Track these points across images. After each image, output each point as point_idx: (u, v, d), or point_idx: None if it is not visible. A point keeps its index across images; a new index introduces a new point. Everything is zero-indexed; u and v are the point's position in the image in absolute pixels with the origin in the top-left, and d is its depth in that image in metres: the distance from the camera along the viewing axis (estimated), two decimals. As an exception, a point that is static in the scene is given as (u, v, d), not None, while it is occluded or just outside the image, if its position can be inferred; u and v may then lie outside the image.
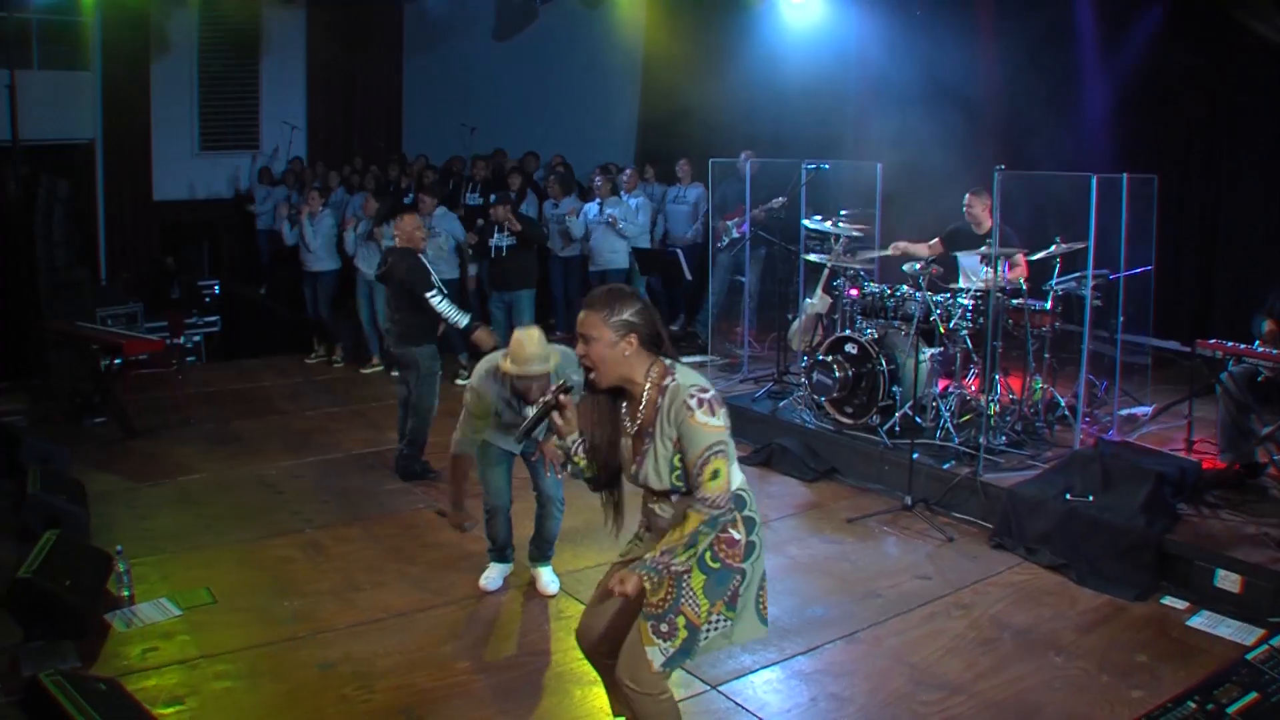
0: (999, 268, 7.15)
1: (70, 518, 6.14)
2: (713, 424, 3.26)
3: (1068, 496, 6.23)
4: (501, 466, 5.61)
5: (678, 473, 3.33)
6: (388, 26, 14.69)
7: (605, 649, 3.64)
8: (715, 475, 3.25)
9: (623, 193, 10.83)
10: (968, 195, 7.83)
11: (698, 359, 9.77)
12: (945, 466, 6.93)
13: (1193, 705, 4.12)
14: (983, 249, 7.50)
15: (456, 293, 9.50)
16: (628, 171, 11.14)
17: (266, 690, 4.62)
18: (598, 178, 11.01)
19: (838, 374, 7.49)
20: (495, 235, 9.55)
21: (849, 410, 7.66)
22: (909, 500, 6.77)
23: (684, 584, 3.37)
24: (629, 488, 3.56)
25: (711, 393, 3.31)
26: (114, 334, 9.04)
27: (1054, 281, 7.36)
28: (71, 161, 12.74)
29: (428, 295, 7.16)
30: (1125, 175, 7.00)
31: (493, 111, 14.18)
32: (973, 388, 7.59)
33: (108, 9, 12.38)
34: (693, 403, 3.24)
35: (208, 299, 12.73)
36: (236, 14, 13.53)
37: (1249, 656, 4.69)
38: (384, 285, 7.64)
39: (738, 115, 11.96)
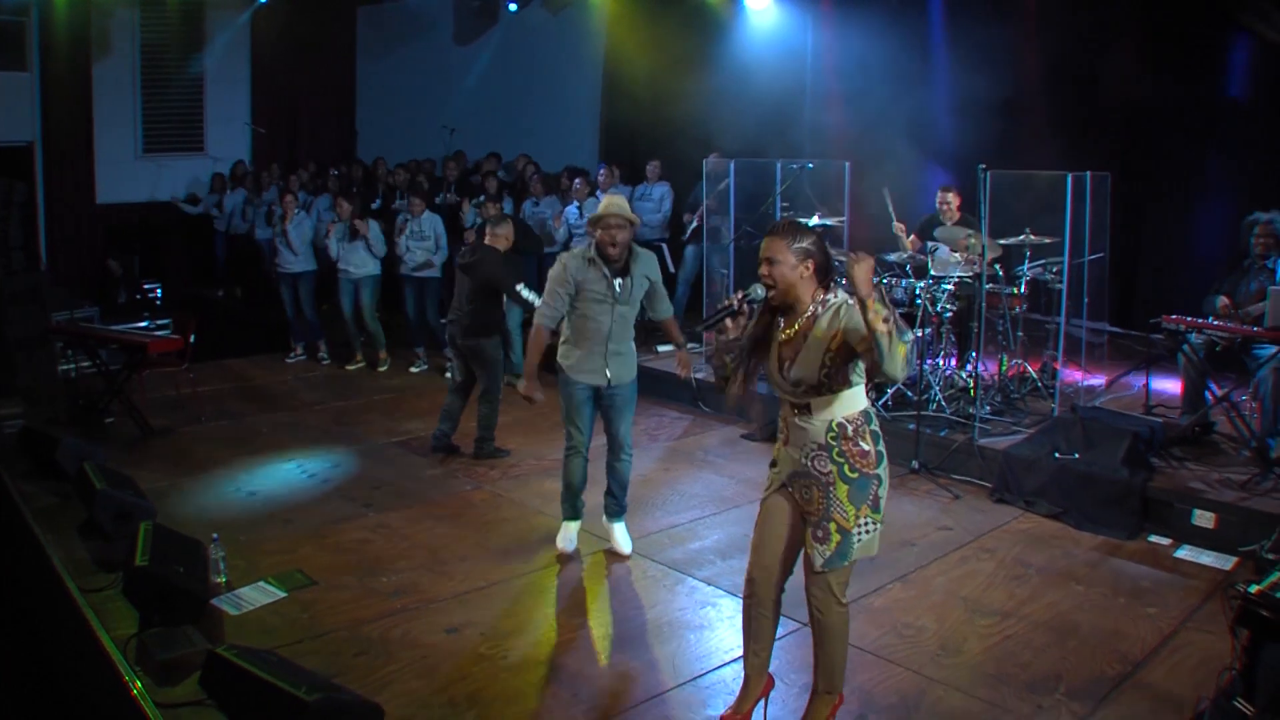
0: (972, 255, 8.06)
1: (141, 511, 6.36)
2: None
3: (1056, 455, 7.12)
4: (585, 406, 6.18)
5: (826, 370, 3.90)
6: (339, 28, 14.85)
7: (778, 575, 4.24)
8: (886, 317, 3.65)
9: (599, 193, 11.35)
10: (939, 191, 8.68)
11: (670, 347, 10.34)
12: (942, 434, 7.75)
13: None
14: (958, 237, 8.36)
15: (442, 290, 9.93)
16: (602, 172, 11.64)
17: (405, 657, 5.04)
18: (576, 180, 11.50)
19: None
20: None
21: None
22: (915, 464, 7.56)
23: (831, 494, 4.00)
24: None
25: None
26: (136, 334, 9.22)
27: (1024, 267, 8.24)
28: (10, 164, 12.63)
29: (518, 288, 7.77)
30: (1089, 174, 7.87)
31: (453, 114, 14.46)
32: (953, 365, 8.44)
33: (46, 9, 12.35)
34: (854, 300, 3.74)
35: (158, 302, 12.85)
36: (179, 15, 13.60)
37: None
38: (466, 275, 8.02)
39: (699, 116, 12.54)
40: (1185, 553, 6.38)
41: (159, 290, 13.07)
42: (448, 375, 10.37)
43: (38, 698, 5.52)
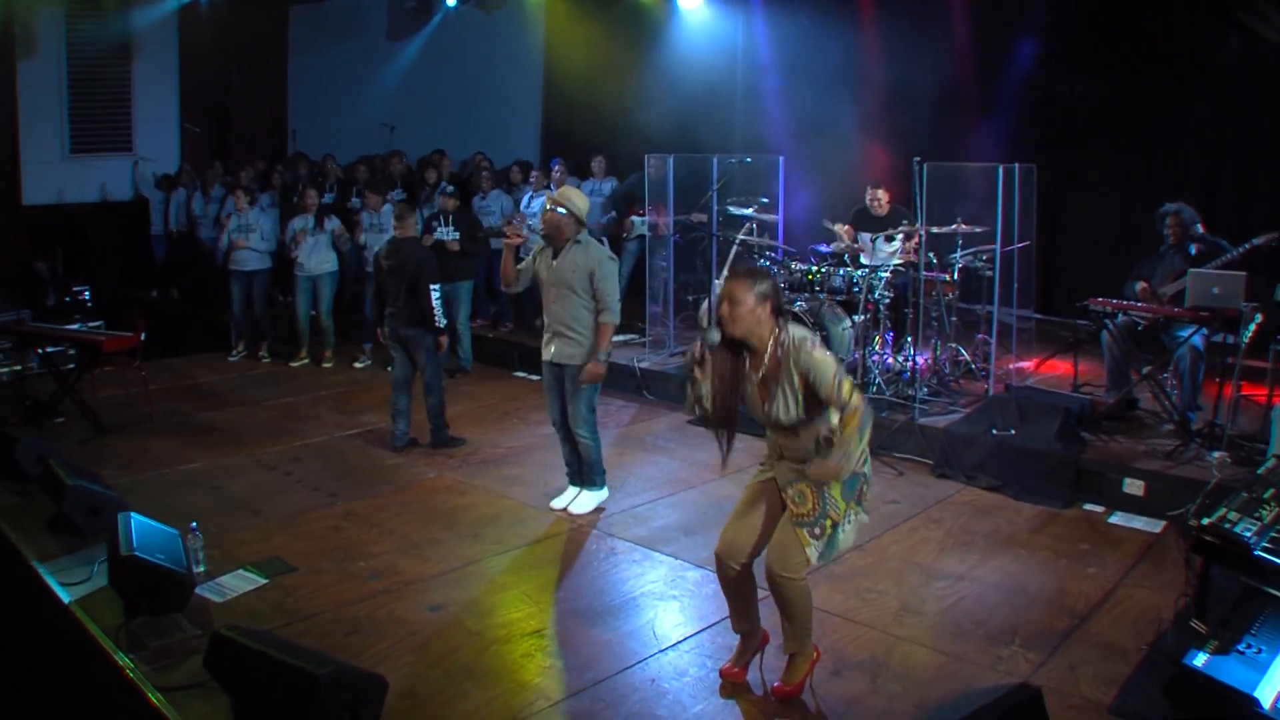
0: (898, 244, 8.47)
1: (112, 505, 6.37)
2: (829, 357, 4.26)
3: (994, 431, 7.55)
4: (548, 386, 6.84)
5: (801, 406, 4.28)
6: (270, 27, 14.82)
7: (747, 558, 4.58)
8: (849, 389, 4.21)
9: (551, 187, 11.56)
10: (868, 188, 9.11)
11: (623, 337, 10.62)
12: (883, 415, 8.12)
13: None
14: (887, 231, 8.78)
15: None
16: (556, 168, 11.83)
17: (394, 634, 5.23)
18: (532, 173, 11.69)
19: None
20: (440, 228, 10.20)
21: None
22: (860, 444, 7.93)
23: (826, 494, 4.36)
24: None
25: (816, 338, 4.33)
26: (89, 333, 9.22)
27: (956, 256, 8.66)
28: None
29: (431, 287, 7.89)
30: (1017, 165, 8.30)
31: (391, 112, 14.58)
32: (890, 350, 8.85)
33: (-33, 8, 12.17)
34: (809, 346, 4.24)
35: (89, 304, 12.75)
36: (106, 14, 13.47)
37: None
38: (398, 275, 8.16)
39: (638, 111, 12.79)
40: (1118, 519, 6.87)
41: (87, 292, 12.95)
42: (356, 364, 10.59)
43: (30, 693, 5.60)
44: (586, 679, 4.81)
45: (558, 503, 7.05)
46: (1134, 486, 6.96)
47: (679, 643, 5.18)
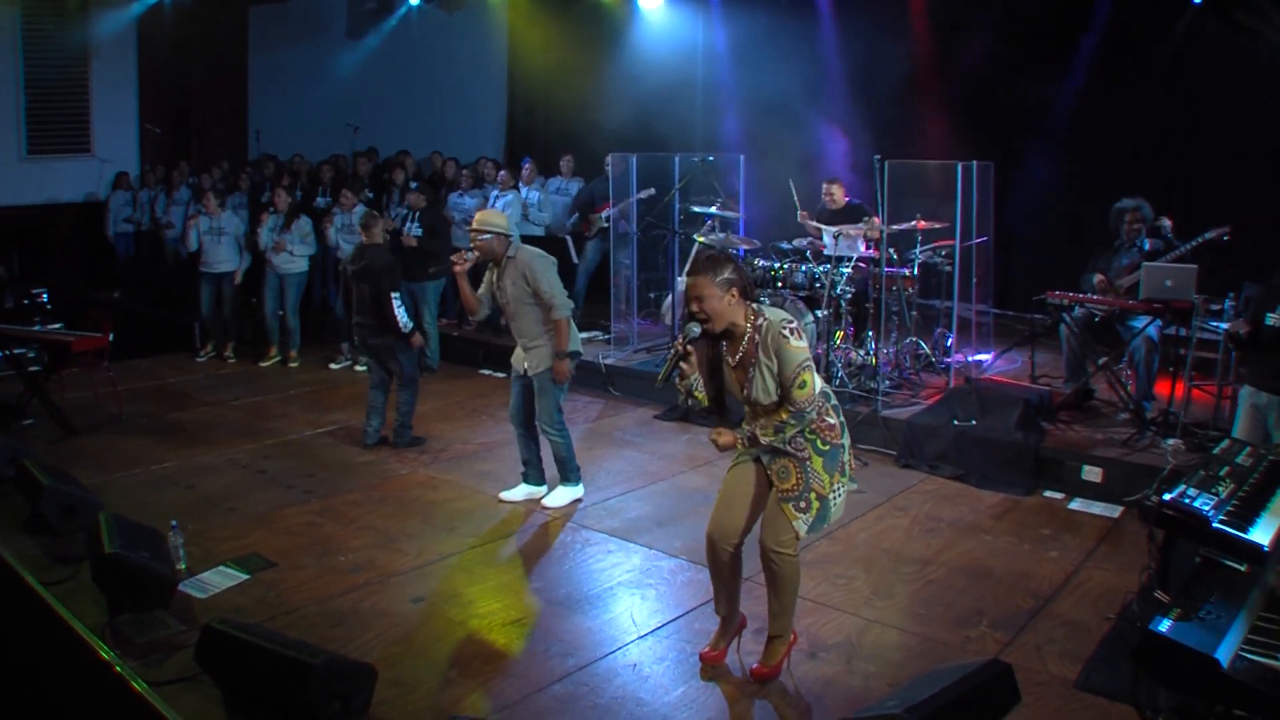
0: (857, 240, 8.68)
1: (89, 505, 6.44)
2: (801, 346, 4.40)
3: (955, 422, 7.76)
4: (513, 391, 7.03)
5: (779, 389, 4.43)
6: (229, 28, 14.79)
7: (739, 538, 4.73)
8: (803, 385, 4.37)
9: (522, 186, 11.68)
10: (824, 184, 9.31)
11: (587, 334, 10.71)
12: (846, 407, 8.29)
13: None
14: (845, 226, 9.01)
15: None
16: (526, 166, 11.92)
17: (378, 626, 5.33)
18: (501, 172, 11.79)
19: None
20: (407, 225, 10.28)
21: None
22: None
23: (808, 468, 4.52)
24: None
25: (795, 323, 4.45)
26: (58, 334, 9.20)
27: (916, 251, 8.87)
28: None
29: (392, 296, 8.01)
30: (975, 163, 8.50)
31: (354, 111, 14.61)
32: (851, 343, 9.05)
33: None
34: (786, 332, 4.37)
35: (48, 306, 12.67)
36: (63, 15, 13.39)
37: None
38: (362, 282, 8.24)
39: (600, 111, 12.98)
40: (1077, 504, 7.10)
41: (45, 294, 12.85)
42: (332, 365, 10.68)
43: (17, 692, 5.62)
44: (570, 665, 4.94)
45: (506, 495, 7.21)
46: (1092, 473, 7.19)
47: (658, 629, 5.32)
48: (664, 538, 6.51)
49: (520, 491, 7.22)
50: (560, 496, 7.13)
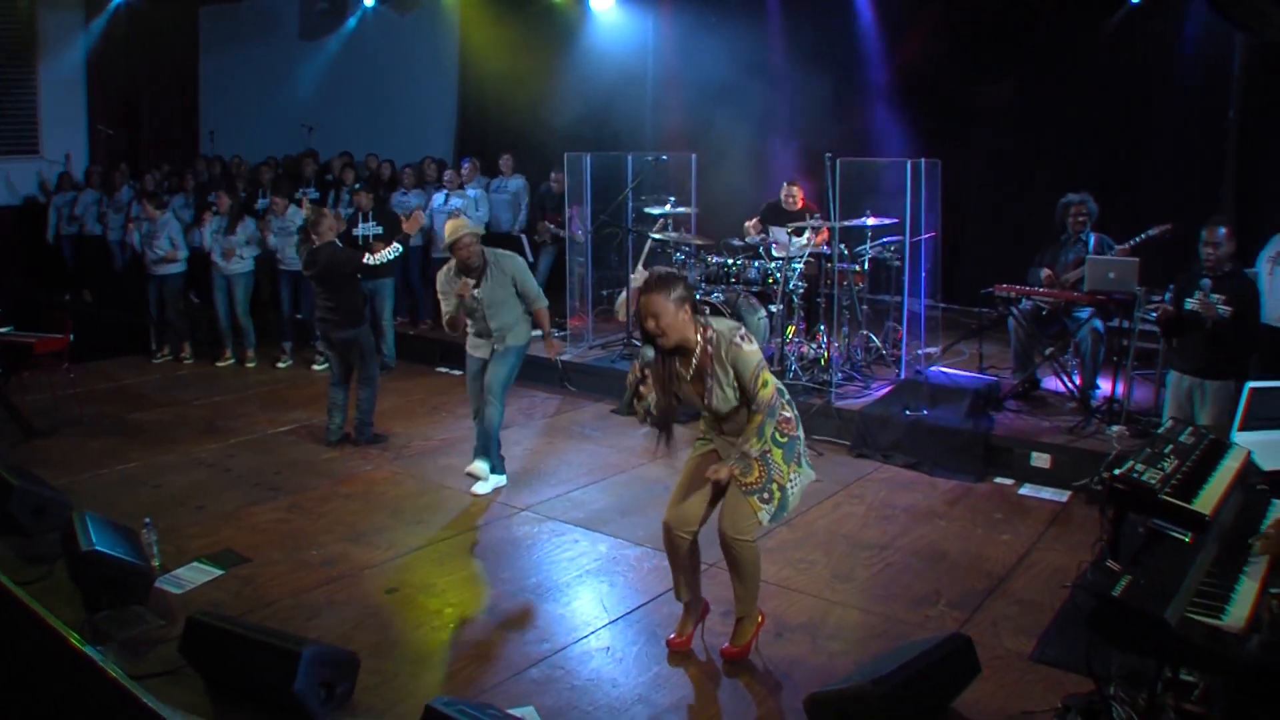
0: (806, 237, 8.92)
1: (60, 505, 6.48)
2: (754, 350, 4.62)
3: (907, 412, 8.01)
4: (475, 377, 7.28)
5: (736, 394, 4.65)
6: (179, 28, 14.72)
7: (696, 525, 4.91)
8: (765, 384, 4.60)
9: (466, 186, 11.78)
10: (784, 185, 9.57)
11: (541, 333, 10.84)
12: (800, 399, 8.52)
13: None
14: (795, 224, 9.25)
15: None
16: (466, 166, 12.03)
17: (355, 617, 5.45)
18: (446, 173, 11.89)
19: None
20: (360, 225, 10.36)
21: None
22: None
23: (769, 460, 4.72)
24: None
25: (743, 330, 4.66)
26: (20, 335, 9.16)
27: (866, 247, 9.12)
28: None
29: (369, 259, 8.26)
30: (924, 160, 8.75)
31: (308, 112, 14.60)
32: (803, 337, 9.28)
33: None
34: (738, 340, 4.59)
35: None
36: (9, 15, 13.29)
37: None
38: (317, 281, 8.34)
39: (552, 111, 13.08)
40: (1027, 490, 7.38)
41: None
42: (315, 367, 10.76)
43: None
44: (544, 649, 5.11)
45: (479, 488, 7.40)
46: (1041, 460, 7.47)
47: (627, 614, 5.49)
48: (628, 527, 6.69)
49: (490, 484, 7.40)
50: (486, 485, 7.39)
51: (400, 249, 8.57)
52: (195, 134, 15.22)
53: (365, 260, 8.33)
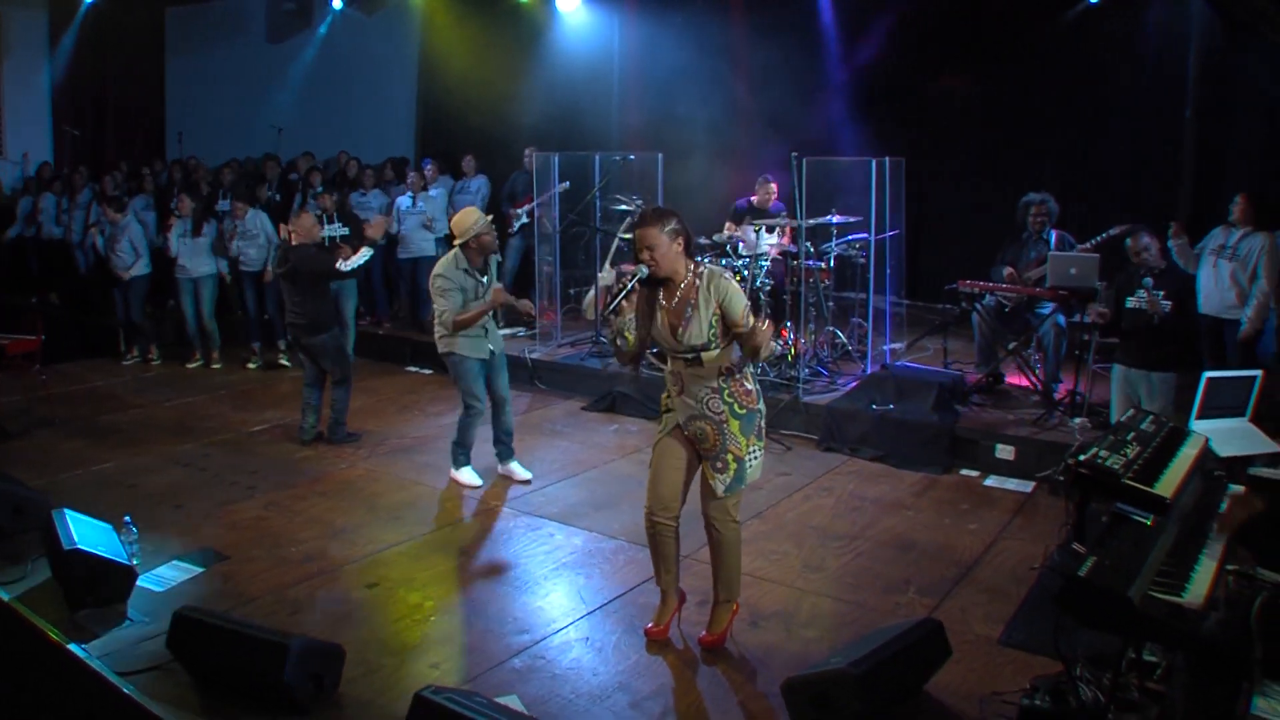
0: (775, 235, 9.08)
1: (37, 505, 6.49)
2: (741, 290, 4.74)
3: (874, 406, 8.17)
4: (480, 377, 7.31)
5: (713, 330, 4.71)
6: (145, 29, 14.66)
7: (678, 507, 5.00)
8: (750, 318, 4.68)
9: (430, 187, 11.84)
10: (760, 181, 9.73)
11: (510, 330, 10.97)
12: (767, 395, 8.67)
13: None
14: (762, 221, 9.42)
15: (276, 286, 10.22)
16: (429, 167, 12.10)
17: (337, 611, 5.53)
18: (411, 174, 11.95)
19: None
20: (325, 226, 10.41)
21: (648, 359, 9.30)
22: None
23: (725, 430, 4.82)
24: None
25: (732, 271, 4.80)
26: (-10, 336, 9.17)
27: (831, 245, 9.28)
28: None
29: (343, 265, 8.30)
30: (888, 159, 8.92)
31: (277, 113, 14.58)
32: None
33: None
34: (727, 277, 4.72)
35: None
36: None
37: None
38: (289, 282, 8.38)
39: (515, 112, 13.22)
40: (992, 481, 7.58)
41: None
42: (283, 361, 10.81)
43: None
44: (525, 640, 5.21)
45: (521, 473, 7.69)
46: (1005, 451, 7.66)
47: (605, 605, 5.60)
48: (603, 521, 6.81)
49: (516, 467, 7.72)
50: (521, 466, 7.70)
51: (371, 253, 8.65)
52: (162, 135, 15.14)
53: (339, 267, 8.36)
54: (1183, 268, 7.50)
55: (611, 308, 4.86)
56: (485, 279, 7.21)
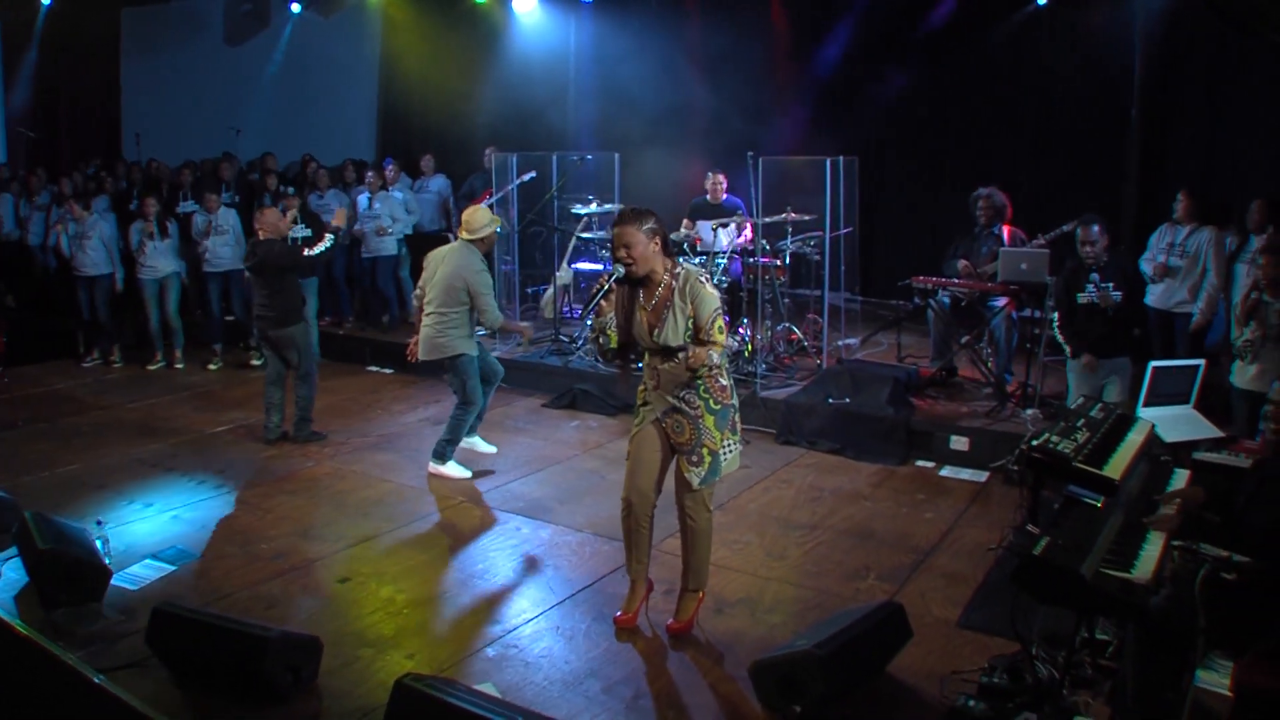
0: (731, 231, 9.27)
1: (6, 506, 6.55)
2: (714, 294, 4.89)
3: (830, 400, 8.37)
4: (476, 374, 7.49)
5: (688, 333, 4.87)
6: (100, 29, 14.57)
7: (653, 496, 5.15)
8: (720, 331, 4.85)
9: (391, 188, 11.91)
10: (709, 174, 9.87)
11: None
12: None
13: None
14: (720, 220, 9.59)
15: (245, 285, 10.28)
16: (390, 167, 12.16)
17: (311, 606, 5.63)
18: (369, 173, 12.00)
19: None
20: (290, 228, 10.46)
21: (634, 356, 9.42)
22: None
23: (700, 425, 4.98)
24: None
25: (707, 276, 4.94)
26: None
27: (787, 242, 9.47)
28: None
29: (307, 252, 8.45)
30: (842, 158, 9.10)
31: (235, 114, 14.52)
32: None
33: None
34: (702, 279, 4.86)
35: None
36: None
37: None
38: (258, 275, 8.44)
39: (476, 113, 13.34)
40: (947, 471, 7.80)
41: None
42: (254, 362, 10.86)
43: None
44: (497, 630, 5.34)
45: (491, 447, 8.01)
46: (959, 443, 7.88)
47: (573, 594, 5.75)
48: (568, 515, 6.94)
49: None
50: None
51: (334, 239, 8.78)
52: (118, 136, 15.06)
53: (305, 253, 8.46)
54: (1122, 258, 7.73)
55: (590, 308, 5.01)
56: None
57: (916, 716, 4.52)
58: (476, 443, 7.93)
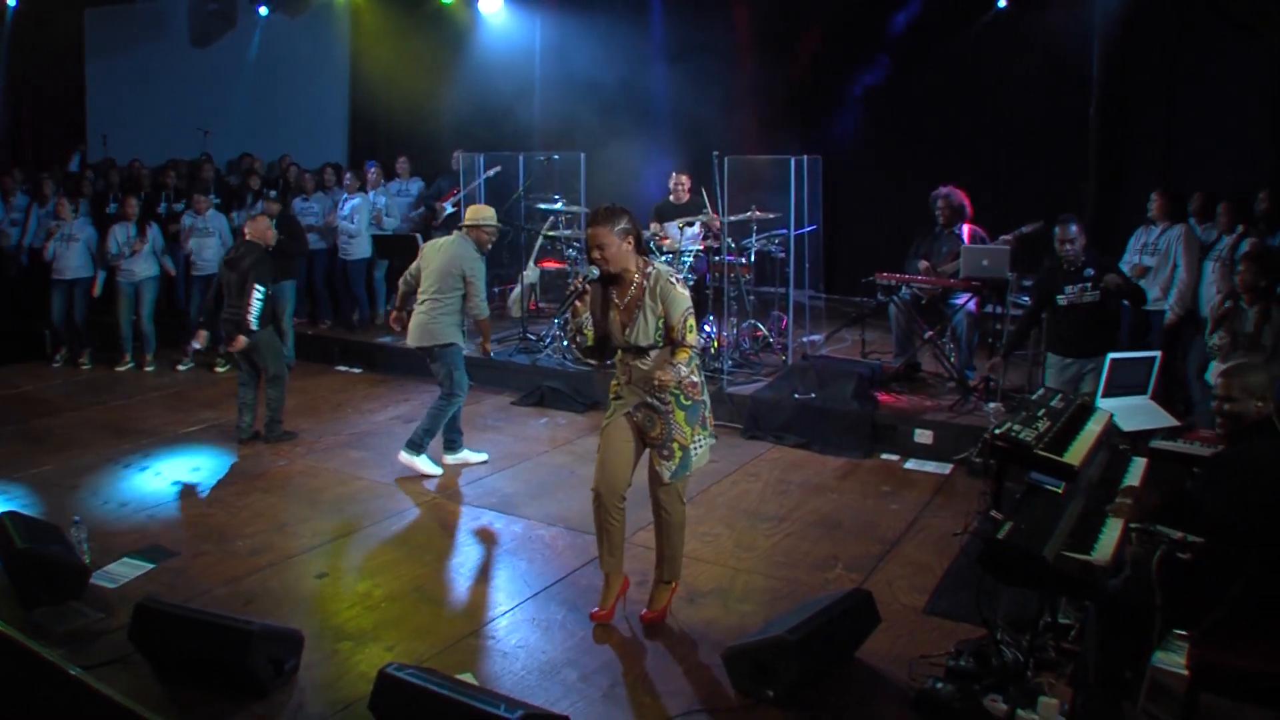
0: (696, 230, 9.41)
1: (-20, 508, 6.64)
2: (684, 294, 4.99)
3: (796, 396, 8.53)
4: (464, 366, 7.66)
5: (659, 332, 4.98)
6: (64, 29, 14.49)
7: (624, 489, 5.24)
8: (691, 330, 4.97)
9: (371, 191, 11.95)
10: (673, 174, 10.00)
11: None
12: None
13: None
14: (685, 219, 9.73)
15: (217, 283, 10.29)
16: (372, 170, 12.20)
17: (290, 601, 5.70)
18: (347, 175, 12.04)
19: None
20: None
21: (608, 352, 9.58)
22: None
23: (671, 420, 5.10)
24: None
25: (678, 276, 5.05)
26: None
27: (752, 240, 9.61)
28: None
29: (256, 287, 8.28)
30: (806, 157, 9.25)
31: (202, 116, 14.51)
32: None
33: None
34: (673, 280, 4.96)
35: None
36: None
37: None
38: (233, 271, 8.46)
39: (444, 113, 13.42)
40: (912, 464, 7.97)
41: None
42: (218, 369, 10.88)
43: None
44: (473, 623, 5.45)
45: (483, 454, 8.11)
46: (923, 436, 8.06)
47: (548, 587, 5.86)
48: (540, 509, 7.06)
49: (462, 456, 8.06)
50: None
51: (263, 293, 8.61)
52: (83, 137, 14.97)
53: (251, 306, 8.43)
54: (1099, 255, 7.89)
55: (565, 308, 5.12)
56: None
57: (886, 700, 4.66)
58: (467, 455, 8.04)
